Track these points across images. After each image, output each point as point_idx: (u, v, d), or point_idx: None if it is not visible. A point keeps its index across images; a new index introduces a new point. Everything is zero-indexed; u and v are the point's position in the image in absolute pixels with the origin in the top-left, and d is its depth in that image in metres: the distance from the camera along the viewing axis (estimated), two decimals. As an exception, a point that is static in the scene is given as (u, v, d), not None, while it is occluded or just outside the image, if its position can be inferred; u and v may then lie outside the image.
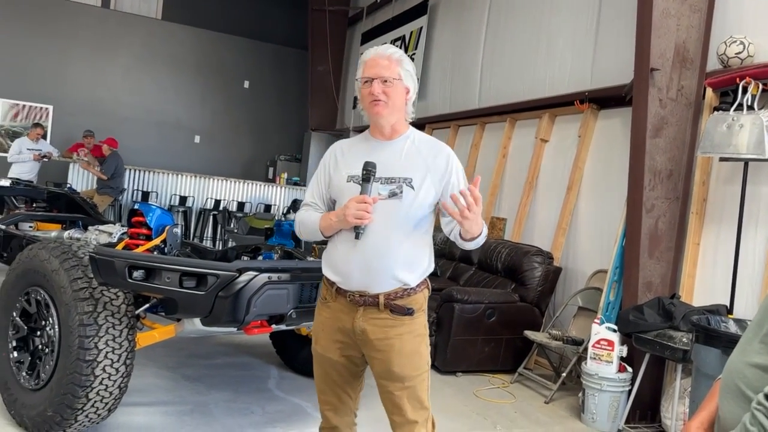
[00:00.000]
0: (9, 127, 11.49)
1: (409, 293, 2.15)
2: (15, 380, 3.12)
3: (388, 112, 2.16)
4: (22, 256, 3.21)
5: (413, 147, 2.21)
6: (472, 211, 1.96)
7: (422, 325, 2.20)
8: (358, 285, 2.13)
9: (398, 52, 2.18)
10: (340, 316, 2.18)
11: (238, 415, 3.70)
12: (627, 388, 4.23)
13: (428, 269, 2.22)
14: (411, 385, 2.16)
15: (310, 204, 2.33)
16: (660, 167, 4.36)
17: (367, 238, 2.09)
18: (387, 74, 2.13)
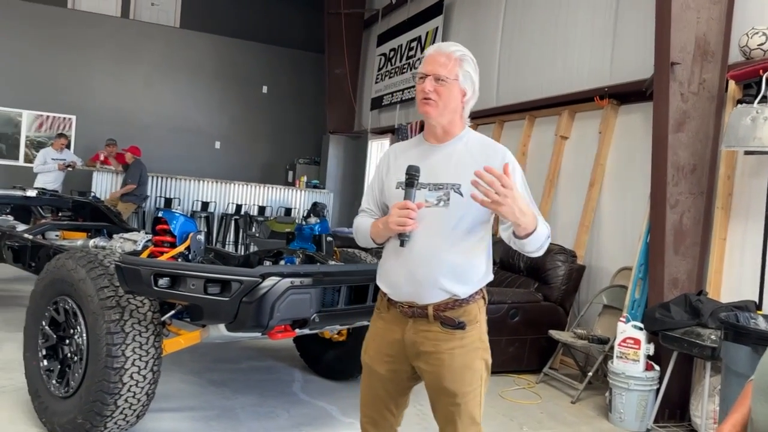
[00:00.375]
0: (34, 137, 11.72)
1: (461, 304, 2.03)
2: (45, 388, 3.17)
3: (438, 113, 2.04)
4: (49, 266, 3.27)
5: (465, 150, 2.07)
6: (501, 193, 1.79)
7: (476, 338, 2.07)
8: (406, 296, 2.06)
9: (461, 51, 2.07)
10: (392, 327, 2.11)
11: (264, 419, 3.72)
12: (655, 387, 4.17)
13: (484, 279, 2.09)
14: (462, 402, 2.05)
15: (366, 210, 2.28)
16: (683, 162, 4.30)
17: (413, 246, 2.00)
18: (443, 72, 2.02)
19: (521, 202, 1.84)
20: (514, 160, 2.06)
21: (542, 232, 1.94)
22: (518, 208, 1.82)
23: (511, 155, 2.08)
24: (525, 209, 1.85)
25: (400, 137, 9.53)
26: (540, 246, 1.97)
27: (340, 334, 4.32)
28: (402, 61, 10.20)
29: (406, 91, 9.88)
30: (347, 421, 3.79)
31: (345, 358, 4.38)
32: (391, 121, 10.42)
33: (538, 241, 1.94)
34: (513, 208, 1.81)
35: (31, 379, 3.29)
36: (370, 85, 11.53)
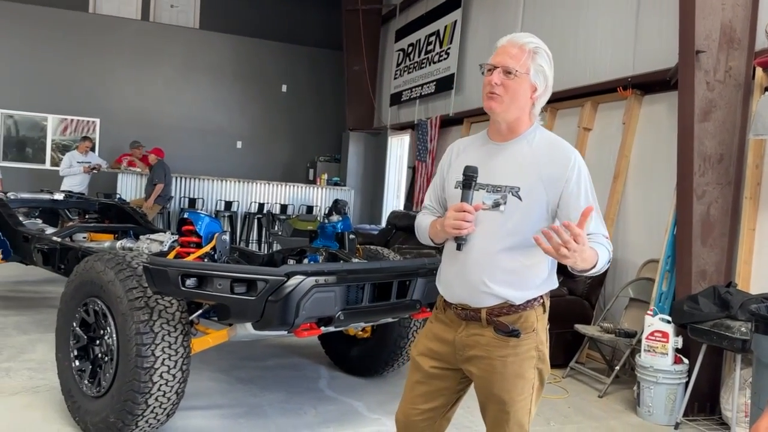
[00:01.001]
0: (59, 141, 11.91)
1: (516, 310, 1.95)
2: (78, 388, 3.23)
3: (503, 109, 1.92)
4: (78, 269, 3.32)
5: (529, 151, 1.95)
6: (571, 249, 1.66)
7: (531, 347, 1.97)
8: (459, 298, 2.01)
9: (535, 43, 1.93)
10: (446, 328, 2.06)
11: (292, 415, 3.75)
12: (684, 380, 4.12)
13: (544, 286, 2.00)
14: (511, 410, 1.98)
15: (428, 207, 2.22)
16: (710, 152, 4.23)
17: (467, 249, 1.94)
18: (512, 65, 1.89)
19: (586, 254, 1.72)
20: (582, 165, 1.95)
21: (601, 265, 1.83)
22: (581, 258, 1.71)
23: (581, 159, 1.95)
24: (587, 258, 1.74)
25: (419, 133, 9.52)
26: (599, 270, 1.87)
27: (365, 331, 4.34)
28: (421, 56, 10.17)
29: (425, 86, 9.86)
30: (373, 417, 3.81)
31: (370, 355, 4.40)
32: (411, 117, 10.40)
33: (593, 272, 1.86)
34: (576, 260, 1.71)
35: (63, 379, 3.35)
36: (388, 81, 11.52)
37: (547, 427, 3.91)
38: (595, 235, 1.87)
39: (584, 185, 1.93)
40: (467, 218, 1.88)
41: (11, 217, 5.28)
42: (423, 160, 9.43)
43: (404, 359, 4.38)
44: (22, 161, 11.77)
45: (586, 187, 1.93)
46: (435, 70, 9.60)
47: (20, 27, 11.44)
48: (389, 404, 4.02)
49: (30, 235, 4.93)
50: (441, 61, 9.43)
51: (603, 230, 1.91)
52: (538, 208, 1.92)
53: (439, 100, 9.50)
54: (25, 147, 11.82)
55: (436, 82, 9.53)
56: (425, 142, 9.38)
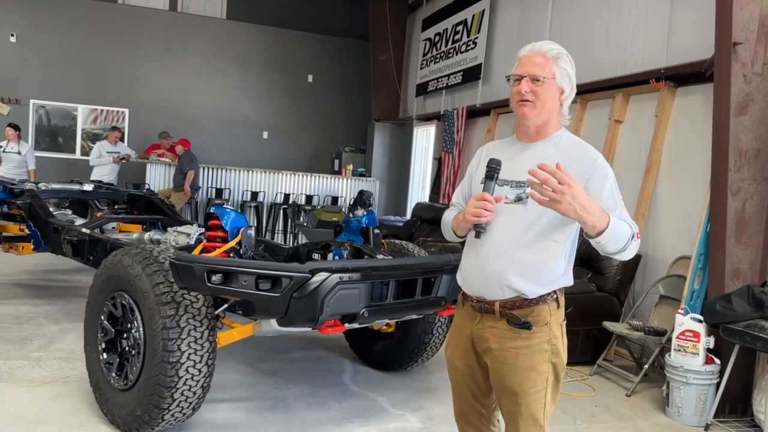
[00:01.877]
0: (89, 131, 12.09)
1: (529, 304, 2.01)
2: (106, 380, 3.27)
3: (535, 113, 2.02)
4: (106, 262, 3.36)
5: (555, 151, 2.03)
6: (557, 189, 1.74)
7: (544, 341, 2.02)
8: (476, 290, 2.09)
9: (556, 49, 2.02)
10: (465, 323, 2.15)
11: (316, 409, 3.76)
12: (715, 381, 4.03)
13: (559, 282, 2.05)
14: (524, 402, 2.03)
15: (455, 204, 2.31)
16: (746, 147, 4.10)
17: (486, 240, 2.02)
18: (539, 72, 1.99)
19: (583, 200, 1.77)
20: (605, 166, 2.00)
21: (619, 231, 1.86)
22: (579, 205, 1.76)
23: (604, 161, 2.02)
24: (588, 206, 1.78)
25: (446, 124, 9.44)
26: (623, 247, 1.89)
27: (389, 326, 4.32)
28: (447, 46, 10.07)
29: (452, 77, 9.76)
30: (398, 413, 3.80)
31: (394, 350, 4.38)
32: (437, 108, 10.32)
33: (615, 240, 1.86)
34: (573, 206, 1.75)
35: (92, 371, 3.40)
36: (415, 71, 11.44)
37: (573, 425, 3.86)
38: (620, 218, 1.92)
39: (609, 183, 1.97)
40: (487, 207, 1.95)
41: (42, 208, 5.37)
42: (450, 152, 9.35)
43: (428, 355, 4.36)
44: (53, 151, 11.97)
45: (611, 186, 1.97)
46: (462, 60, 9.49)
47: (51, 19, 11.61)
48: (413, 400, 4.01)
49: (60, 226, 5.00)
50: (468, 51, 9.32)
51: (628, 219, 1.95)
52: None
53: (466, 91, 9.40)
54: (57, 136, 12.02)
55: (463, 72, 9.42)
56: (452, 133, 9.30)
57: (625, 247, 1.89)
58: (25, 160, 9.38)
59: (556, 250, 2.01)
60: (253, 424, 3.50)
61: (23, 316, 5.21)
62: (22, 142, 9.50)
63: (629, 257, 1.97)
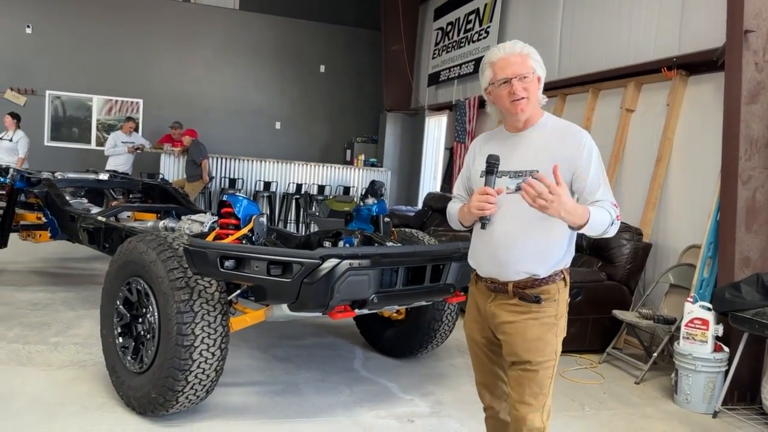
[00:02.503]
0: (104, 121, 12.22)
1: (540, 284, 2.19)
2: (121, 364, 3.36)
3: (531, 107, 2.20)
4: (122, 249, 3.43)
5: (543, 137, 2.20)
6: (548, 199, 1.92)
7: (551, 315, 2.21)
8: (488, 273, 2.26)
9: (525, 47, 2.20)
10: (479, 299, 2.33)
11: (327, 394, 3.83)
12: (723, 369, 4.05)
13: (563, 260, 2.23)
14: (533, 369, 2.20)
15: (457, 196, 2.46)
16: (757, 135, 4.09)
17: (494, 230, 2.18)
18: (524, 71, 2.15)
19: (568, 204, 1.96)
20: (590, 144, 2.17)
21: (598, 221, 2.05)
22: (564, 210, 1.95)
23: (589, 138, 2.19)
24: (572, 209, 1.98)
25: (458, 113, 9.44)
26: (603, 232, 2.10)
27: (399, 313, 4.37)
28: (459, 35, 10.05)
29: (464, 66, 9.75)
30: (407, 398, 3.86)
31: (404, 336, 4.43)
32: (449, 97, 10.31)
33: (595, 230, 2.07)
34: (558, 211, 1.95)
35: (108, 355, 3.49)
36: (426, 60, 11.43)
37: (581, 412, 3.90)
38: (602, 201, 2.11)
39: (594, 161, 2.15)
40: (489, 200, 2.09)
41: (59, 197, 5.47)
42: (462, 142, 9.35)
43: (438, 342, 4.41)
44: (69, 141, 12.12)
45: (595, 163, 2.16)
46: (474, 50, 9.47)
47: (66, 10, 11.71)
48: (423, 386, 4.07)
49: (76, 215, 5.09)
50: (480, 40, 9.30)
51: (610, 197, 2.14)
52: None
53: (478, 80, 9.34)
54: (72, 127, 12.16)
55: (475, 61, 9.41)
56: (464, 123, 9.31)
57: (604, 232, 2.09)
58: (16, 147, 9.55)
59: (558, 231, 2.17)
60: (266, 407, 3.57)
61: (41, 303, 5.33)
62: (18, 131, 9.66)
63: (610, 236, 2.16)
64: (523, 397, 2.22)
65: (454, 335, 4.61)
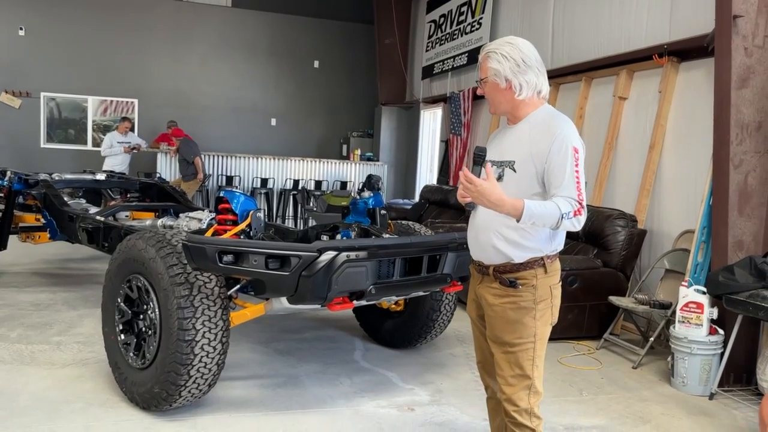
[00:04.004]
0: (100, 122, 12.23)
1: (518, 269, 2.28)
2: (124, 360, 3.40)
3: (494, 108, 2.35)
4: (121, 247, 3.47)
5: (528, 129, 2.29)
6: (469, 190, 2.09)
7: (529, 300, 2.28)
8: (475, 256, 2.41)
9: (488, 47, 2.28)
10: (474, 282, 2.48)
11: (328, 385, 3.87)
12: (719, 351, 4.10)
13: (543, 248, 2.28)
14: (512, 351, 2.30)
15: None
16: (748, 120, 4.13)
17: (476, 215, 2.34)
18: (481, 74, 2.30)
19: (491, 196, 2.07)
20: (564, 138, 2.18)
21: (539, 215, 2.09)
22: (487, 200, 2.09)
23: (566, 133, 2.19)
24: (496, 201, 2.08)
25: (452, 106, 9.46)
26: (555, 225, 2.13)
27: (398, 304, 4.41)
28: (452, 27, 10.06)
29: (458, 58, 9.77)
30: (407, 387, 3.91)
31: (403, 327, 4.48)
32: (443, 90, 10.34)
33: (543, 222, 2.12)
34: (482, 200, 2.10)
35: (110, 352, 3.52)
36: (420, 53, 11.44)
37: (579, 397, 3.95)
38: (556, 197, 2.13)
39: (562, 155, 2.16)
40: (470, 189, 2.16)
41: (57, 197, 5.50)
42: (457, 134, 9.38)
43: (436, 332, 4.46)
44: (65, 142, 12.13)
45: (562, 157, 2.16)
46: (467, 41, 9.49)
47: (58, 11, 11.71)
48: (422, 375, 4.12)
49: (75, 215, 5.13)
50: (473, 32, 9.32)
51: (571, 193, 2.14)
52: (529, 178, 2.23)
53: (472, 72, 9.41)
54: (68, 129, 12.17)
55: (468, 53, 9.43)
56: (459, 114, 9.33)
57: (557, 225, 2.13)
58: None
59: None
60: (268, 399, 3.62)
61: (42, 303, 5.36)
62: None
63: (575, 230, 2.18)
64: (506, 379, 2.32)
65: (452, 325, 4.66)
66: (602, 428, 3.49)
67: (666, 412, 3.79)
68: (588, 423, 3.54)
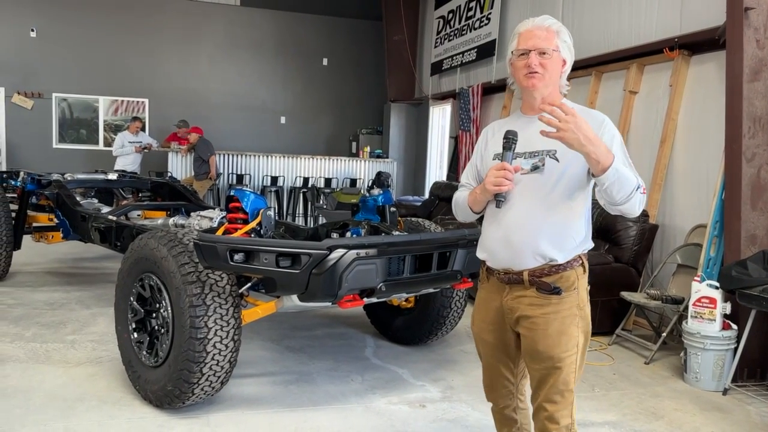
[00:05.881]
0: (111, 122, 12.31)
1: (558, 270, 2.05)
2: (137, 359, 3.43)
3: (543, 84, 2.09)
4: (133, 246, 3.49)
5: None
6: (561, 119, 1.83)
7: (573, 305, 2.07)
8: (502, 262, 2.12)
9: (557, 24, 2.12)
10: (492, 296, 2.20)
11: (340, 382, 3.89)
12: (732, 346, 4.07)
13: (582, 245, 2.10)
14: (557, 366, 2.06)
15: (465, 185, 2.33)
16: (760, 113, 4.09)
17: (509, 212, 2.07)
18: (545, 45, 2.07)
19: (587, 131, 1.83)
20: (613, 127, 2.06)
21: (624, 175, 1.89)
22: (583, 135, 1.82)
23: (610, 122, 2.08)
24: (593, 138, 1.84)
25: (462, 102, 9.44)
26: (628, 196, 1.91)
27: (408, 301, 4.42)
28: (461, 23, 10.04)
29: (467, 54, 9.74)
30: (418, 384, 3.91)
31: (414, 324, 4.48)
32: (452, 86, 10.31)
33: (621, 185, 1.88)
34: (577, 135, 1.82)
35: (123, 350, 3.55)
36: (429, 49, 11.42)
37: (591, 393, 3.94)
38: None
39: (617, 142, 2.02)
40: (507, 176, 1.98)
41: (69, 197, 5.55)
42: (467, 130, 9.36)
43: (447, 329, 4.46)
44: (77, 143, 12.23)
45: (619, 143, 2.02)
46: (476, 37, 9.46)
47: (68, 12, 11.79)
48: (434, 372, 4.12)
49: (87, 215, 5.17)
50: (482, 27, 9.29)
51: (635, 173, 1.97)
52: (574, 168, 2.01)
53: (481, 68, 9.38)
54: (80, 129, 12.26)
55: (477, 48, 9.40)
56: (468, 111, 9.31)
57: (630, 196, 1.91)
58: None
59: (576, 213, 2.07)
60: (280, 396, 3.64)
61: (56, 302, 5.42)
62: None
63: (636, 212, 1.98)
64: (549, 396, 2.10)
65: (463, 321, 4.66)
66: (615, 424, 3.48)
67: (679, 407, 3.78)
68: (600, 419, 3.53)
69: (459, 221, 6.74)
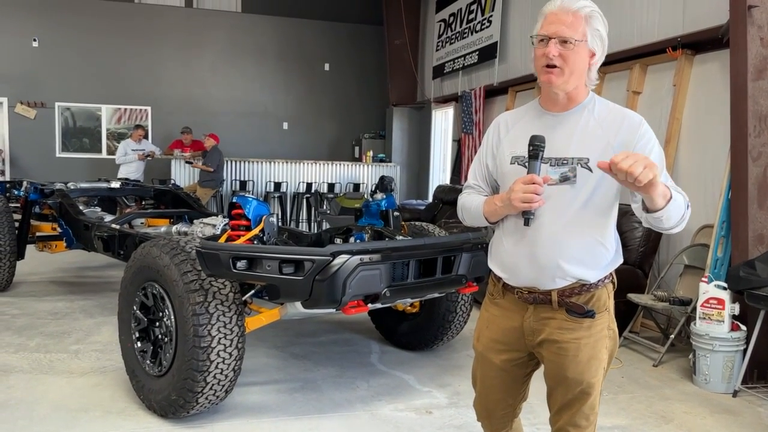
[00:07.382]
0: (114, 130, 12.34)
1: (589, 289, 1.85)
2: (141, 368, 3.40)
3: (563, 80, 1.79)
4: (136, 255, 3.47)
5: (592, 119, 1.83)
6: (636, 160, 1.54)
7: (605, 326, 1.89)
8: (526, 281, 1.89)
9: (589, 7, 1.81)
10: (509, 314, 1.96)
11: (345, 389, 3.86)
12: (741, 348, 4.03)
13: (614, 262, 1.89)
14: (587, 392, 1.89)
15: (473, 186, 2.08)
16: (765, 111, 4.06)
17: (537, 228, 1.82)
18: (569, 34, 1.76)
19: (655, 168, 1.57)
20: (648, 131, 1.82)
21: (677, 201, 1.68)
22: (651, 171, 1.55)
23: (647, 126, 1.83)
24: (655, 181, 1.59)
25: (464, 105, 9.42)
26: (681, 218, 1.72)
27: (413, 306, 4.39)
28: (462, 26, 10.02)
29: (468, 57, 9.73)
30: (424, 390, 3.88)
31: (419, 330, 4.45)
32: (454, 89, 10.30)
33: (676, 210, 1.68)
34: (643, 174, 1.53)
35: (127, 359, 3.53)
36: (430, 53, 11.41)
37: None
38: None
39: (656, 152, 1.79)
40: (538, 191, 1.74)
41: (72, 206, 5.54)
42: (469, 133, 9.34)
43: (453, 333, 4.42)
44: (80, 151, 12.26)
45: (658, 155, 1.79)
46: (477, 40, 9.45)
47: (70, 21, 11.83)
48: (440, 377, 4.09)
49: (90, 224, 5.16)
50: (483, 30, 9.27)
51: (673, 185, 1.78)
52: (610, 178, 1.69)
53: (483, 70, 9.36)
54: (82, 137, 12.29)
55: (478, 51, 9.39)
56: (470, 114, 9.29)
57: (681, 220, 1.72)
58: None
59: (608, 228, 1.87)
60: (285, 404, 3.61)
61: (60, 312, 5.40)
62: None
63: (679, 229, 1.78)
64: (574, 420, 1.93)
65: (469, 326, 4.61)
66: (624, 428, 3.44)
67: (689, 410, 3.73)
68: (609, 423, 3.49)
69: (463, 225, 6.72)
